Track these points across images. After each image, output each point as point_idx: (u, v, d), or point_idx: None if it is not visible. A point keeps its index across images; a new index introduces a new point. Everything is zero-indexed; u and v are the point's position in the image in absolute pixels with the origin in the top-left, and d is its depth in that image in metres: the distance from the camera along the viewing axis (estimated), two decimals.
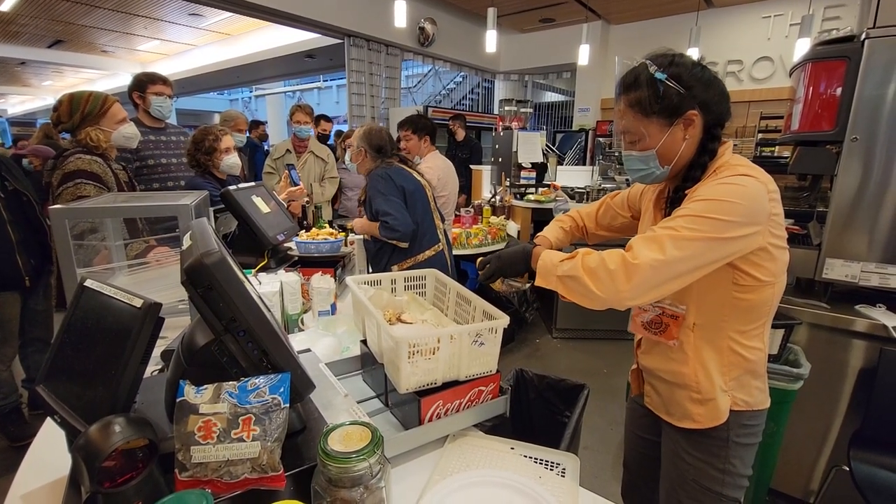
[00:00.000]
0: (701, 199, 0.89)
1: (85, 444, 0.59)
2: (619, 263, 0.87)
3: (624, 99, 0.98)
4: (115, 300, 0.72)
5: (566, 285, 0.95)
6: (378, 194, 2.16)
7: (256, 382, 0.69)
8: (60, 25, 7.65)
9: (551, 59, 7.47)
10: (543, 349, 3.64)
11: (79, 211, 1.33)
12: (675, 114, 0.94)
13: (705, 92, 0.94)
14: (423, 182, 2.34)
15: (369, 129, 2.30)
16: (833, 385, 1.80)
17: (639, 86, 0.95)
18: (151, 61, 10.83)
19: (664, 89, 0.92)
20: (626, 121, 1.00)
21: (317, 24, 5.17)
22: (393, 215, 2.12)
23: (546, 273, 0.99)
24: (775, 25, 5.67)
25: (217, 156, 2.29)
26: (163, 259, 1.65)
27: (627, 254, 0.88)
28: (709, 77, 0.96)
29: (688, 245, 0.86)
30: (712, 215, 0.86)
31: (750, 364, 1.01)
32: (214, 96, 17.66)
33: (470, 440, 0.99)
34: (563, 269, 0.94)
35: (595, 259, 0.90)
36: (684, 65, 0.94)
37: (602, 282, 0.88)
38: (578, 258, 0.93)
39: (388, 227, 2.13)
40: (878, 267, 1.68)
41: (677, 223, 0.88)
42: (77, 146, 1.81)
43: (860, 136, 1.65)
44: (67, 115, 1.81)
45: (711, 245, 0.86)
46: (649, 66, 0.94)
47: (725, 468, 1.04)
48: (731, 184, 0.88)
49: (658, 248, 0.86)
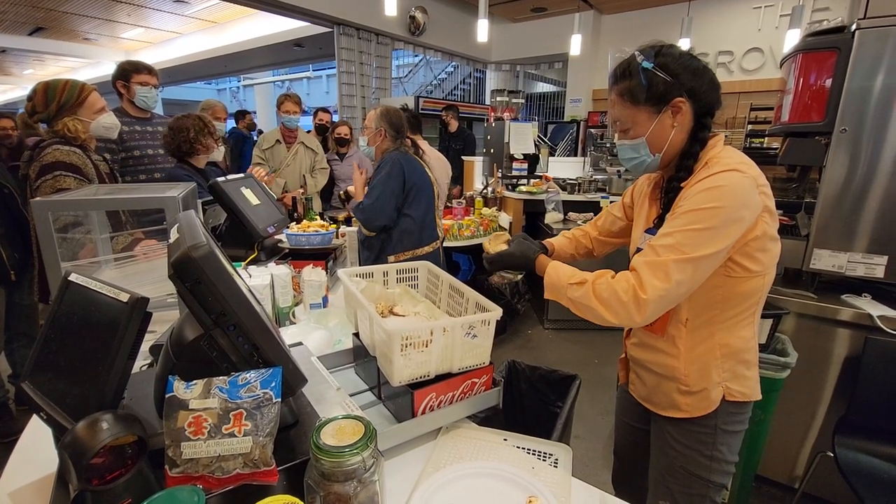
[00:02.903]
0: (692, 209, 0.91)
1: (72, 441, 0.58)
2: (631, 297, 0.91)
3: (615, 89, 1.02)
4: (101, 295, 0.70)
5: (578, 308, 1.00)
6: (382, 175, 2.14)
7: (247, 377, 0.68)
8: (41, 12, 7.44)
9: (543, 49, 7.42)
10: (535, 340, 3.66)
11: (63, 203, 1.30)
12: (663, 101, 0.96)
13: (693, 80, 0.96)
14: (431, 177, 2.33)
15: (386, 109, 2.25)
16: (819, 373, 1.83)
17: (628, 76, 0.99)
18: (136, 49, 10.60)
19: (651, 78, 0.95)
20: (617, 110, 1.03)
21: (305, 11, 5.08)
22: (371, 201, 2.11)
23: (555, 291, 1.04)
24: (766, 16, 5.67)
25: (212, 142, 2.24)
26: (150, 252, 1.62)
27: (637, 284, 0.91)
28: (697, 66, 0.97)
29: (689, 265, 0.89)
30: (706, 225, 0.88)
31: (742, 354, 1.03)
32: (202, 86, 17.35)
33: (463, 432, 0.99)
34: (575, 295, 0.99)
35: (606, 289, 0.94)
36: (671, 55, 0.97)
37: (615, 311, 0.93)
38: (589, 287, 0.96)
39: (358, 208, 2.14)
40: (865, 257, 1.71)
41: (677, 240, 0.90)
42: (54, 137, 1.74)
43: (849, 128, 1.66)
44: (43, 104, 1.73)
45: (712, 257, 0.90)
46: (637, 56, 0.98)
47: (713, 455, 1.06)
48: (717, 186, 0.90)
49: (664, 276, 0.89)
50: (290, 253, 2.04)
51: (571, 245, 1.37)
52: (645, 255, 0.94)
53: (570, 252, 1.36)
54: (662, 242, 0.92)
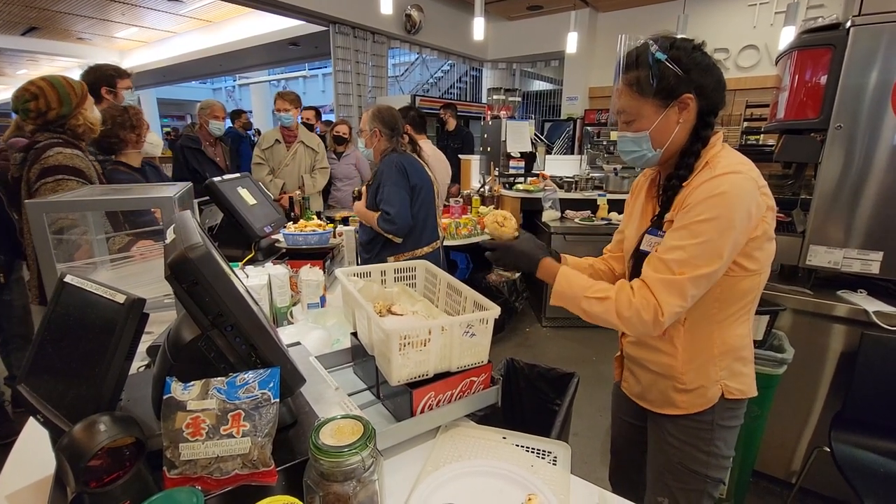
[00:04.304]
0: (702, 219, 0.89)
1: (69, 443, 0.58)
2: (652, 317, 0.92)
3: (623, 77, 0.99)
4: (97, 296, 0.70)
5: (591, 318, 1.00)
6: (389, 183, 2.12)
7: (245, 377, 0.68)
8: (35, 12, 7.39)
9: (539, 47, 7.42)
10: (533, 338, 3.67)
11: (57, 204, 1.29)
12: (671, 96, 0.95)
13: (702, 77, 0.95)
14: (431, 177, 2.32)
15: (378, 109, 2.22)
16: (815, 369, 1.84)
17: (638, 65, 0.95)
18: (130, 49, 10.54)
19: (662, 70, 0.93)
20: (623, 100, 1.00)
21: (301, 10, 5.06)
22: (397, 209, 2.09)
23: (566, 300, 1.02)
24: (761, 13, 5.69)
25: (133, 135, 2.05)
26: (147, 253, 1.61)
27: (657, 305, 0.91)
28: (708, 63, 0.96)
29: (704, 280, 0.91)
30: (717, 236, 0.89)
31: (738, 351, 1.03)
32: (197, 85, 17.28)
33: (462, 430, 0.99)
34: (595, 310, 0.98)
35: (628, 308, 0.94)
36: (685, 48, 0.95)
37: (634, 327, 0.95)
38: (612, 304, 0.96)
39: (387, 220, 2.11)
40: (860, 253, 1.72)
41: (690, 255, 0.90)
42: (53, 138, 1.69)
43: (844, 124, 1.67)
44: (57, 101, 1.67)
45: (723, 267, 0.92)
46: (651, 45, 0.94)
47: (710, 450, 1.06)
48: (723, 193, 0.89)
49: (680, 294, 0.91)
50: (287, 253, 2.03)
51: (587, 271, 1.26)
52: (658, 271, 0.93)
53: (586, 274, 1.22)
54: (674, 257, 0.91)
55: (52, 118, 1.69)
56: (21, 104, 1.67)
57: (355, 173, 4.10)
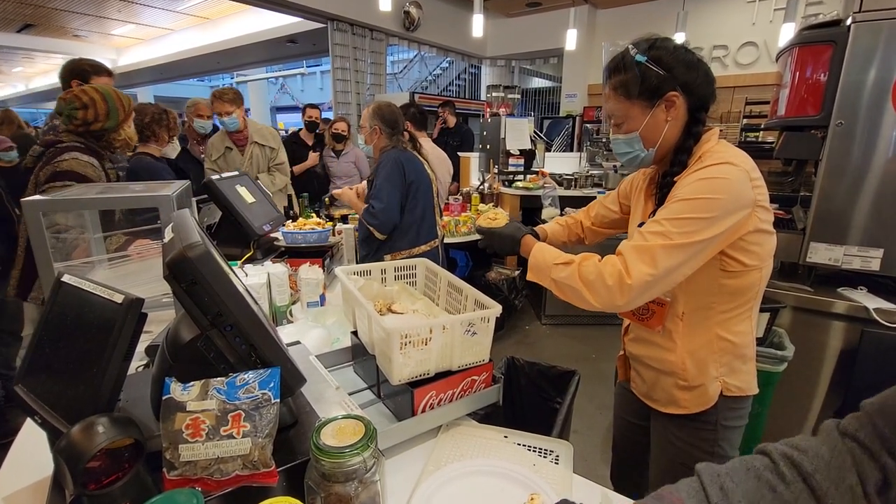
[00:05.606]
0: (683, 198, 0.90)
1: (67, 445, 0.57)
2: (616, 280, 0.89)
3: (609, 83, 1.02)
4: (95, 295, 0.69)
5: (561, 289, 0.98)
6: (382, 178, 2.12)
7: (245, 378, 0.67)
8: (30, 8, 7.34)
9: (538, 44, 7.39)
10: (533, 336, 3.67)
11: (54, 203, 1.28)
12: (656, 95, 0.96)
13: (687, 74, 0.95)
14: (431, 174, 2.31)
15: (378, 106, 2.21)
16: (815, 366, 1.84)
17: (621, 69, 0.98)
18: (127, 46, 10.48)
19: (644, 71, 0.95)
20: (611, 104, 1.03)
21: (299, 7, 5.03)
22: (383, 205, 2.09)
23: (538, 271, 1.02)
24: (760, 10, 5.67)
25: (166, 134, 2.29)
26: (145, 252, 1.60)
27: (623, 269, 0.90)
28: (691, 59, 0.96)
29: (678, 252, 0.88)
30: (697, 215, 0.87)
31: (739, 349, 1.02)
32: (194, 83, 17.16)
33: (463, 430, 0.99)
34: (560, 276, 0.97)
35: (592, 271, 0.92)
36: (665, 48, 0.96)
37: (599, 294, 0.92)
38: (575, 267, 0.95)
39: (371, 214, 2.11)
40: (860, 250, 1.71)
41: (665, 228, 0.89)
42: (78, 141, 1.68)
43: (845, 121, 1.66)
44: (105, 114, 1.69)
45: (700, 246, 0.89)
46: (631, 49, 0.97)
47: (714, 451, 1.06)
48: (710, 178, 0.89)
49: (650, 262, 0.88)
50: (286, 251, 2.02)
51: (564, 232, 1.37)
52: (633, 240, 0.93)
53: (562, 239, 1.37)
54: (651, 229, 0.92)
55: (96, 129, 1.70)
56: (69, 109, 1.66)
57: (355, 171, 4.08)
